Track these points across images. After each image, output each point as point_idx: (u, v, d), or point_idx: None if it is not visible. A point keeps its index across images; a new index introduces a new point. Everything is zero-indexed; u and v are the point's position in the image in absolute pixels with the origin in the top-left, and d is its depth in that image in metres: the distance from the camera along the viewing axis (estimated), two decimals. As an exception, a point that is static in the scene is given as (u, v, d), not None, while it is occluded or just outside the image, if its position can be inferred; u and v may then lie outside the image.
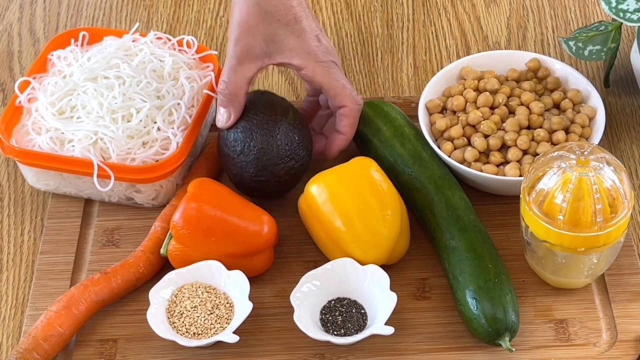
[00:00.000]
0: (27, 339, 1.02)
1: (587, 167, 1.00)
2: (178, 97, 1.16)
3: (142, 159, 1.12)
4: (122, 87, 1.15)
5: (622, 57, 1.32)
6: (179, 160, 1.12)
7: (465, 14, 1.39)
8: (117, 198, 1.16)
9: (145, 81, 1.15)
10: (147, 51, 1.19)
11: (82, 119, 1.13)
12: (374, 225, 1.06)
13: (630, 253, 1.11)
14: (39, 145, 1.13)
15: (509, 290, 1.03)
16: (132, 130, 1.13)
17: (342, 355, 1.05)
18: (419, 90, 1.29)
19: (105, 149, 1.12)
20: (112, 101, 1.13)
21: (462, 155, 1.14)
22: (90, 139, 1.12)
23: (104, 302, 1.07)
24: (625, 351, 1.04)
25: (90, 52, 1.19)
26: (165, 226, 1.11)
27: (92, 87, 1.15)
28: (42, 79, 1.19)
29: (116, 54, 1.18)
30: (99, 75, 1.16)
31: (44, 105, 1.15)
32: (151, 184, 1.13)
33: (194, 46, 1.22)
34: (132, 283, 1.08)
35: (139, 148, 1.12)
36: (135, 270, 1.08)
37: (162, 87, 1.16)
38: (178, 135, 1.13)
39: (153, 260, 1.09)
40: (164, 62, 1.19)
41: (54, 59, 1.21)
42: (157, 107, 1.14)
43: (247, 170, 1.11)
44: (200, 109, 1.16)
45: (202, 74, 1.20)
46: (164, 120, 1.14)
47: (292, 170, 1.11)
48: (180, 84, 1.17)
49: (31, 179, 1.17)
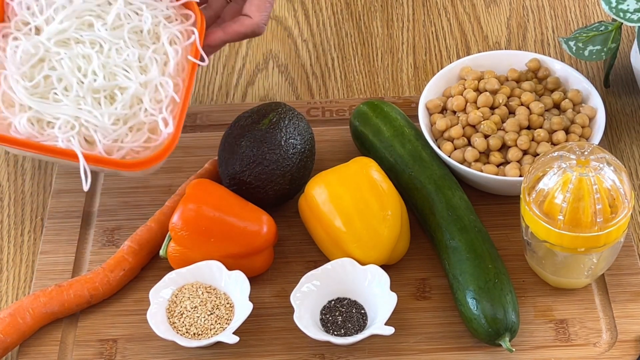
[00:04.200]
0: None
1: (587, 167, 1.00)
2: (161, 64, 1.09)
3: (131, 147, 1.07)
4: (101, 57, 1.07)
5: (622, 57, 1.32)
6: (170, 147, 1.07)
7: (465, 14, 1.39)
8: (102, 170, 1.11)
9: (127, 51, 1.07)
10: (122, 1, 1.09)
11: (59, 97, 1.06)
12: (374, 225, 1.06)
13: (630, 253, 1.11)
14: (14, 126, 1.05)
15: (509, 291, 1.03)
16: (118, 115, 1.06)
17: (342, 355, 1.05)
18: (419, 90, 1.29)
19: (89, 136, 1.06)
20: (93, 79, 1.06)
21: (462, 156, 1.14)
22: (74, 128, 1.05)
23: (54, 315, 1.06)
24: (625, 351, 1.04)
25: (57, 2, 1.08)
26: (133, 247, 1.10)
27: (67, 57, 1.06)
28: (4, 30, 1.09)
29: (87, 6, 1.08)
30: (72, 37, 1.08)
31: (14, 77, 1.06)
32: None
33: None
34: (85, 299, 1.07)
35: (127, 134, 1.06)
36: (91, 286, 1.07)
37: (145, 53, 1.08)
38: (170, 124, 1.07)
39: (111, 279, 1.08)
40: (141, 16, 1.09)
41: (14, 4, 1.09)
42: (143, 85, 1.07)
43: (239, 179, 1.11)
44: (187, 82, 1.09)
45: (183, 28, 1.11)
46: (150, 100, 1.07)
47: (262, 175, 1.11)
48: (162, 45, 1.09)
49: (9, 149, 1.10)
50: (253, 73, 1.33)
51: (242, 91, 1.31)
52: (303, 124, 1.15)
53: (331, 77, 1.32)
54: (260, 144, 1.11)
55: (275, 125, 1.12)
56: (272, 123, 1.12)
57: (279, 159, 1.11)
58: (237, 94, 1.31)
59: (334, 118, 1.26)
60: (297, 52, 1.35)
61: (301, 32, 1.38)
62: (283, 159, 1.11)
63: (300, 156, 1.13)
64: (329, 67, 1.33)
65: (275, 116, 1.13)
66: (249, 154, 1.11)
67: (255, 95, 1.31)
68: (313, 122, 1.24)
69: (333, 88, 1.31)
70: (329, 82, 1.32)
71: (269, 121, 1.12)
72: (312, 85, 1.31)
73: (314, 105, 1.27)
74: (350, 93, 1.30)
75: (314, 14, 1.40)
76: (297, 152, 1.12)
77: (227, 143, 1.13)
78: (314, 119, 1.25)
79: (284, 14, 1.40)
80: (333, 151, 1.22)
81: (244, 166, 1.11)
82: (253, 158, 1.11)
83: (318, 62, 1.34)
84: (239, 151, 1.11)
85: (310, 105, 1.27)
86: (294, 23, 1.39)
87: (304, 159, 1.13)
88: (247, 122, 1.13)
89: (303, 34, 1.38)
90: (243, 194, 1.11)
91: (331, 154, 1.21)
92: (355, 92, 1.30)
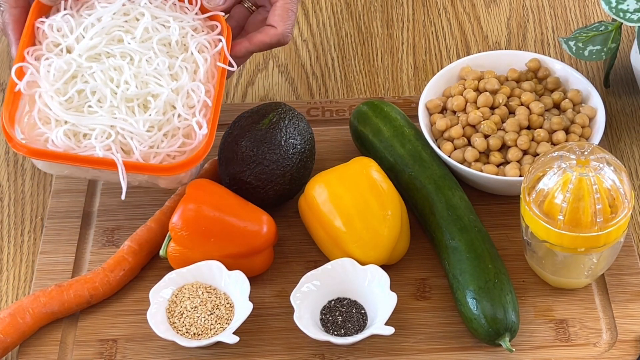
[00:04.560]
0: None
1: (587, 167, 1.00)
2: (192, 72, 1.10)
3: (167, 152, 1.07)
4: (132, 67, 1.08)
5: (622, 57, 1.32)
6: (205, 151, 1.07)
7: (465, 14, 1.39)
8: (138, 183, 1.12)
9: (157, 60, 1.08)
10: (148, 15, 1.10)
11: (94, 109, 1.07)
12: (374, 225, 1.06)
13: (630, 253, 1.11)
14: (52, 141, 1.06)
15: (509, 291, 1.03)
16: (152, 121, 1.07)
17: (342, 355, 1.05)
18: (419, 90, 1.29)
19: (125, 142, 1.06)
20: (125, 88, 1.07)
21: (462, 155, 1.14)
22: (110, 136, 1.06)
23: (54, 315, 1.06)
24: (625, 351, 1.04)
25: (85, 19, 1.10)
26: (133, 247, 1.10)
27: (99, 70, 1.07)
28: (36, 53, 1.10)
29: (115, 22, 1.10)
30: (102, 52, 1.09)
31: (48, 93, 1.07)
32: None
33: (196, 5, 1.13)
34: (85, 299, 1.07)
35: (162, 140, 1.07)
36: (91, 286, 1.07)
37: (175, 62, 1.09)
38: (204, 127, 1.07)
39: (111, 279, 1.08)
40: (169, 28, 1.11)
41: (44, 27, 1.10)
42: (174, 91, 1.08)
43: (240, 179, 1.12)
44: (218, 87, 1.09)
45: (210, 38, 1.12)
46: (183, 105, 1.08)
47: (262, 175, 1.11)
48: (190, 53, 1.10)
49: (43, 167, 1.12)
50: (253, 73, 1.33)
51: (242, 91, 1.31)
52: (303, 124, 1.15)
53: (331, 77, 1.32)
54: (260, 144, 1.11)
55: (275, 125, 1.12)
56: (272, 123, 1.12)
57: (279, 159, 1.11)
58: (237, 94, 1.31)
59: (334, 118, 1.26)
60: (297, 52, 1.35)
61: (301, 32, 1.38)
62: (283, 159, 1.11)
63: (300, 156, 1.13)
64: (329, 67, 1.33)
65: (275, 116, 1.13)
66: (249, 154, 1.11)
67: (255, 95, 1.31)
68: (313, 122, 1.24)
69: (333, 88, 1.31)
70: (329, 82, 1.32)
71: (269, 121, 1.12)
72: (312, 85, 1.31)
73: (314, 105, 1.27)
74: (350, 93, 1.30)
75: (314, 14, 1.40)
76: (297, 152, 1.12)
77: (227, 143, 1.13)
78: (314, 119, 1.25)
79: (284, 14, 1.40)
80: (333, 151, 1.22)
81: (244, 166, 1.11)
82: (253, 158, 1.11)
83: (318, 62, 1.34)
84: (239, 151, 1.11)
85: (310, 105, 1.27)
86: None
87: (304, 159, 1.13)
88: (247, 122, 1.13)
89: (303, 34, 1.38)
90: (243, 194, 1.11)
91: (331, 154, 1.21)
92: (355, 92, 1.30)
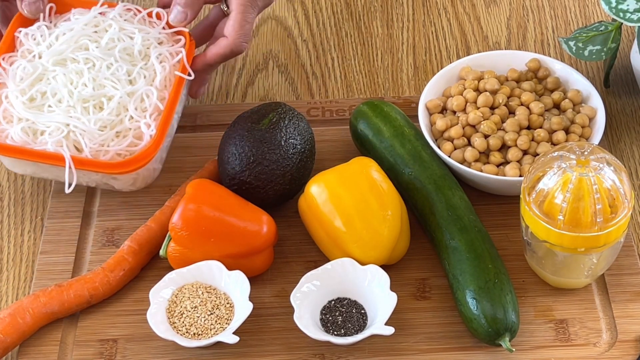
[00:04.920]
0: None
1: (587, 167, 1.00)
2: (150, 79, 1.13)
3: (115, 151, 1.10)
4: (92, 71, 1.13)
5: (622, 57, 1.32)
6: (153, 151, 1.10)
7: (465, 14, 1.39)
8: (95, 183, 1.15)
9: (116, 65, 1.13)
10: (116, 27, 1.15)
11: (52, 109, 1.11)
12: (374, 225, 1.06)
13: (630, 253, 1.11)
14: (11, 136, 1.10)
15: (509, 291, 1.03)
16: (104, 121, 1.10)
17: (342, 355, 1.05)
18: (419, 90, 1.29)
19: (78, 141, 1.10)
20: (82, 89, 1.11)
21: (462, 155, 1.14)
22: (62, 132, 1.10)
23: (54, 315, 1.06)
24: (625, 351, 1.04)
25: (58, 29, 1.16)
26: (133, 247, 1.10)
27: (61, 73, 1.12)
28: (11, 59, 1.15)
29: (84, 32, 1.15)
30: (68, 57, 1.14)
31: (13, 93, 1.12)
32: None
33: (164, 18, 1.18)
34: (85, 299, 1.07)
35: (112, 139, 1.11)
36: (91, 286, 1.07)
37: (133, 69, 1.14)
38: (152, 126, 1.11)
39: (111, 279, 1.08)
40: (134, 39, 1.15)
41: (21, 36, 1.16)
42: (129, 94, 1.12)
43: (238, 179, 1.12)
44: (173, 94, 1.13)
45: (173, 49, 1.16)
46: (136, 108, 1.12)
47: (262, 175, 1.11)
48: (151, 63, 1.15)
49: (8, 164, 1.16)
50: (253, 73, 1.33)
51: (242, 91, 1.31)
52: (303, 124, 1.15)
53: (331, 77, 1.32)
54: (260, 144, 1.11)
55: (275, 125, 1.12)
56: (272, 123, 1.12)
57: (279, 159, 1.11)
58: (237, 94, 1.31)
59: (334, 118, 1.26)
60: (297, 52, 1.35)
61: (301, 32, 1.38)
62: (283, 159, 1.11)
63: (300, 156, 1.13)
64: (329, 67, 1.33)
65: (275, 116, 1.13)
66: (249, 154, 1.11)
67: (255, 95, 1.31)
68: (313, 122, 1.24)
69: (333, 88, 1.31)
70: (329, 82, 1.32)
71: (269, 121, 1.12)
72: (312, 85, 1.31)
73: (314, 105, 1.27)
74: (350, 93, 1.30)
75: (314, 14, 1.40)
76: (297, 152, 1.12)
77: (227, 143, 1.13)
78: (314, 119, 1.25)
79: (284, 14, 1.40)
80: (333, 151, 1.22)
81: (244, 166, 1.11)
82: (253, 158, 1.11)
83: (318, 62, 1.34)
84: (239, 151, 1.11)
85: (310, 105, 1.27)
86: (294, 23, 1.39)
87: (304, 159, 1.13)
88: (247, 122, 1.13)
89: (303, 34, 1.38)
90: (243, 194, 1.11)
91: (331, 154, 1.21)
92: (355, 92, 1.30)
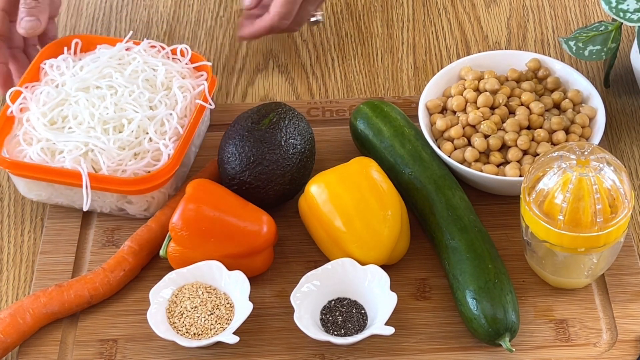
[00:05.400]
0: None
1: (587, 167, 1.00)
2: (171, 107, 1.15)
3: (133, 170, 1.11)
4: (114, 97, 1.14)
5: (622, 57, 1.32)
6: (170, 172, 1.11)
7: (465, 14, 1.39)
8: (109, 209, 1.15)
9: (138, 91, 1.15)
10: (140, 60, 1.18)
11: (73, 130, 1.12)
12: (374, 225, 1.06)
13: (630, 253, 1.11)
14: (29, 156, 1.12)
15: (509, 291, 1.03)
16: (124, 142, 1.12)
17: (342, 355, 1.05)
18: (419, 90, 1.29)
19: (96, 161, 1.11)
20: (103, 112, 1.13)
21: (462, 155, 1.14)
22: (81, 150, 1.11)
23: (54, 315, 1.06)
24: (625, 351, 1.04)
25: (83, 61, 1.19)
26: (133, 247, 1.10)
27: (83, 97, 1.14)
28: (34, 88, 1.18)
29: (109, 63, 1.18)
30: (91, 85, 1.16)
31: (35, 115, 1.13)
32: (142, 195, 1.12)
33: (187, 54, 1.21)
34: (85, 299, 1.07)
35: (130, 159, 1.11)
36: (91, 287, 1.07)
37: (155, 97, 1.15)
38: (170, 147, 1.12)
39: (111, 279, 1.08)
40: (157, 71, 1.18)
41: (46, 67, 1.19)
42: (149, 118, 1.13)
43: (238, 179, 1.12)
44: (193, 120, 1.15)
45: (195, 83, 1.19)
46: (155, 131, 1.13)
47: (262, 175, 1.11)
48: (173, 93, 1.16)
49: (23, 189, 1.16)
50: (253, 73, 1.33)
51: (242, 91, 1.31)
52: (303, 124, 1.15)
53: (331, 77, 1.32)
54: (260, 144, 1.11)
55: (275, 125, 1.12)
56: (272, 123, 1.12)
57: (279, 159, 1.11)
58: (237, 94, 1.31)
59: (334, 118, 1.26)
60: (297, 52, 1.35)
61: (301, 32, 1.38)
62: (283, 159, 1.11)
63: (300, 156, 1.13)
64: (329, 67, 1.33)
65: (275, 116, 1.13)
66: (249, 154, 1.11)
67: (255, 95, 1.31)
68: (313, 122, 1.24)
69: (333, 88, 1.31)
70: (329, 82, 1.32)
71: (269, 121, 1.12)
72: (312, 85, 1.31)
73: (314, 105, 1.27)
74: (350, 93, 1.30)
75: (314, 14, 1.40)
76: (297, 152, 1.12)
77: (227, 143, 1.13)
78: (314, 119, 1.25)
79: (284, 14, 1.40)
80: (333, 151, 1.22)
81: (244, 166, 1.11)
82: (253, 158, 1.11)
83: (318, 62, 1.34)
84: (239, 151, 1.11)
85: (310, 105, 1.27)
86: (294, 23, 1.39)
87: (304, 159, 1.13)
88: (247, 122, 1.13)
89: (303, 34, 1.37)
90: (243, 194, 1.11)
91: (331, 154, 1.21)
92: (355, 92, 1.30)
